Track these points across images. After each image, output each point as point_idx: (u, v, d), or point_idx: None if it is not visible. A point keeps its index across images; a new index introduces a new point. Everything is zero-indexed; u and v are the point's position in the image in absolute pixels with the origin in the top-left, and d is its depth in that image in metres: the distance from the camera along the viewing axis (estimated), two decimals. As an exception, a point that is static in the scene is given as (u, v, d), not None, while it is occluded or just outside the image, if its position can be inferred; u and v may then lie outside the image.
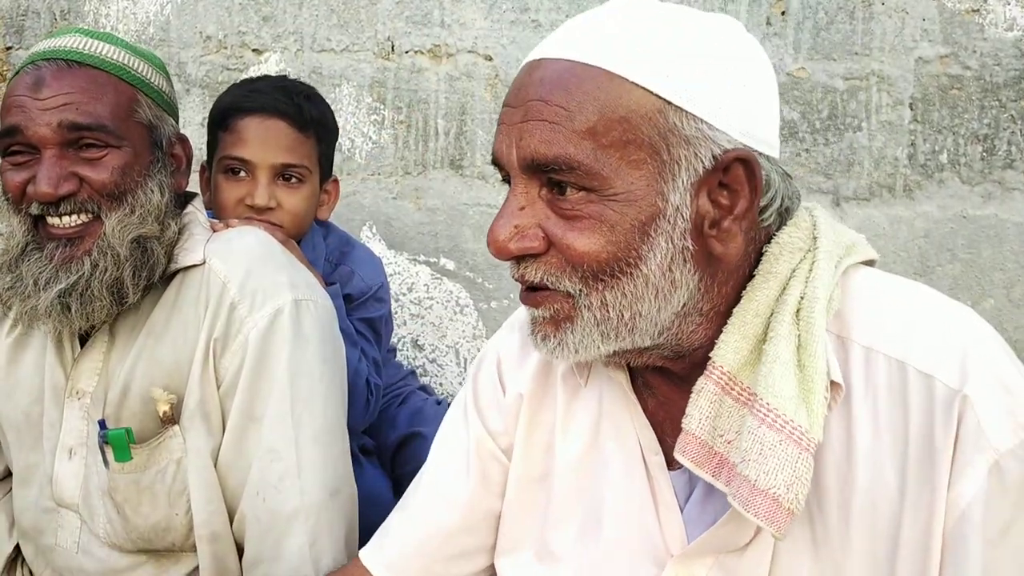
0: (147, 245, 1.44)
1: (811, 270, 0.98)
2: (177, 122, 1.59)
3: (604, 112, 0.92)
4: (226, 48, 2.63)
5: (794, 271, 0.98)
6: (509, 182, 1.00)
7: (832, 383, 0.94)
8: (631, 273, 0.94)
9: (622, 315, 0.96)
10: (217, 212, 1.89)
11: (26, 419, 1.56)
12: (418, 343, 2.57)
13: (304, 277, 1.56)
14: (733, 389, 0.96)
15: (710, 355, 0.98)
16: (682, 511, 1.05)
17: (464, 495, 1.21)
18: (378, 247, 2.54)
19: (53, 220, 1.41)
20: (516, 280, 1.00)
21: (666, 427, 1.06)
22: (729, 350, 0.97)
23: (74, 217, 1.41)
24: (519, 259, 0.98)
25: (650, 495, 1.07)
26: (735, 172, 0.96)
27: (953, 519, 0.91)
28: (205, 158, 2.01)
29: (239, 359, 1.44)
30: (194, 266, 1.50)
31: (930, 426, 0.92)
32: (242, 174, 1.87)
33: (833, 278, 0.98)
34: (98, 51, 1.46)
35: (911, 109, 2.33)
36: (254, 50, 2.61)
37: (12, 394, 1.57)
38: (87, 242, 1.41)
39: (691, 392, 0.99)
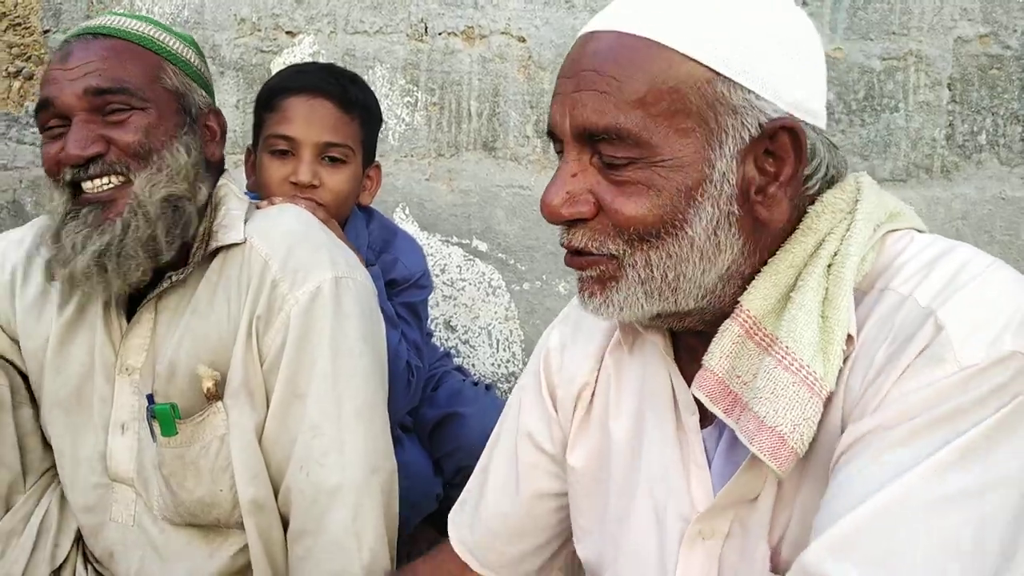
0: (178, 204, 1.47)
1: (848, 229, 1.00)
2: (211, 96, 1.61)
3: (654, 83, 0.95)
4: (260, 30, 2.64)
5: (832, 230, 1.01)
6: (562, 153, 1.04)
7: (848, 337, 0.96)
8: (676, 235, 0.97)
9: (666, 275, 0.99)
10: (262, 192, 1.91)
11: (77, 396, 1.59)
12: (450, 324, 2.59)
13: (344, 255, 1.58)
14: (756, 334, 0.99)
15: (739, 299, 1.01)
16: (710, 466, 1.09)
17: (512, 482, 1.28)
18: (411, 229, 2.55)
19: (86, 185, 1.45)
20: (563, 245, 1.03)
21: None
22: (758, 296, 1.00)
23: (105, 180, 1.44)
24: (569, 224, 1.02)
25: (679, 453, 1.10)
26: (781, 140, 0.98)
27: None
28: (251, 142, 2.03)
29: (282, 336, 1.46)
30: (235, 244, 1.53)
31: (898, 345, 0.92)
32: (286, 153, 1.89)
33: (869, 240, 1.00)
34: (125, 25, 1.51)
35: (949, 89, 2.30)
36: (288, 32, 2.62)
37: (62, 370, 1.59)
38: (119, 204, 1.44)
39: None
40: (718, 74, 0.95)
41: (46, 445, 1.65)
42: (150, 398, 1.51)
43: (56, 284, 1.54)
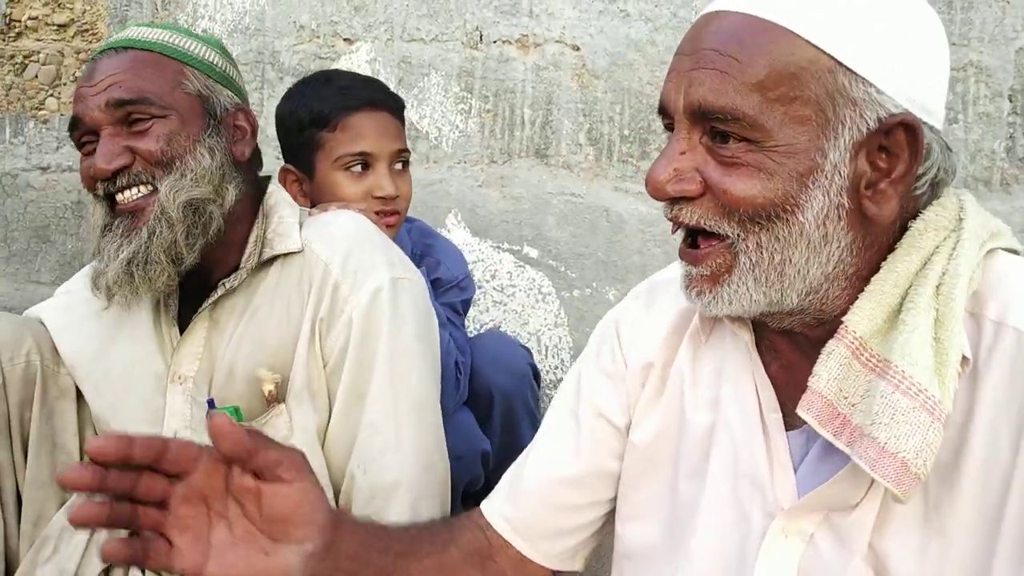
0: (201, 207, 1.49)
1: (955, 248, 0.99)
2: (240, 95, 1.63)
3: (775, 67, 0.95)
4: (319, 37, 2.69)
5: (937, 248, 0.99)
6: (671, 129, 1.03)
7: (962, 358, 0.95)
8: (787, 219, 0.97)
9: (773, 257, 0.98)
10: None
11: (115, 410, 1.61)
12: (500, 330, 2.60)
13: (399, 257, 1.61)
14: (863, 355, 0.98)
15: (843, 319, 0.99)
16: (795, 471, 1.07)
17: (572, 450, 1.25)
18: (462, 235, 2.57)
19: (119, 197, 1.49)
20: (670, 220, 1.03)
21: (787, 390, 1.07)
22: (863, 316, 0.98)
23: (134, 191, 1.48)
24: (674, 201, 1.01)
25: (764, 451, 1.09)
26: (896, 136, 0.97)
27: None
28: (291, 164, 2.03)
29: (344, 338, 1.49)
30: (293, 252, 1.56)
31: None
32: (361, 168, 1.95)
33: (976, 258, 0.99)
34: (145, 36, 1.54)
35: (1010, 101, 2.27)
36: (345, 39, 2.66)
37: (103, 388, 1.61)
38: (146, 212, 1.47)
39: (819, 355, 1.00)
40: (840, 64, 0.95)
41: None
42: (211, 403, 1.54)
43: (100, 309, 1.60)
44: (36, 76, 3.06)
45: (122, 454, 0.94)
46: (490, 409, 2.11)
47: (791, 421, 1.07)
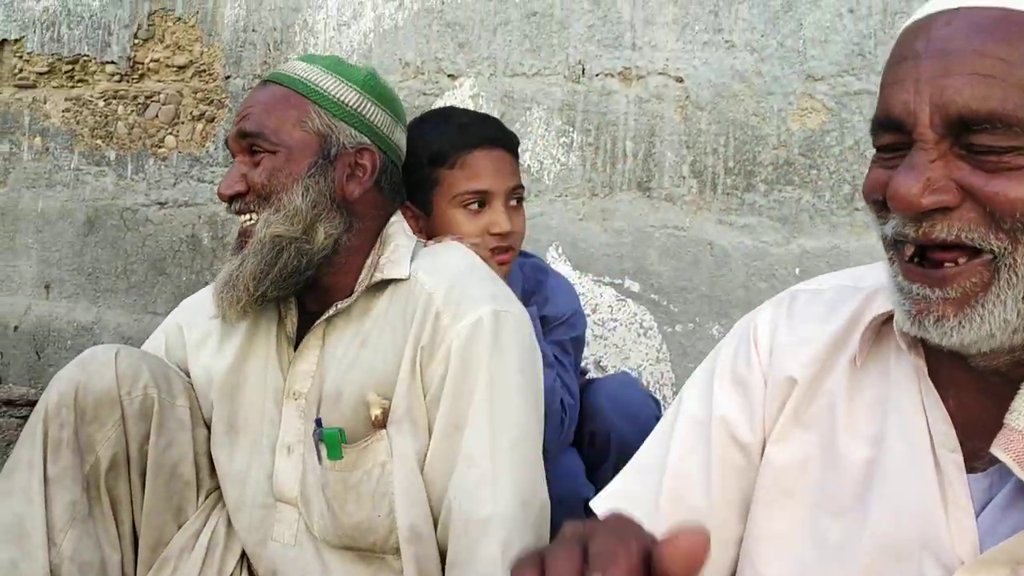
0: (282, 245, 1.54)
1: None
2: (372, 134, 1.64)
3: None
4: (423, 74, 2.73)
5: None
6: (891, 149, 0.94)
7: None
8: None
9: None
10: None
11: (247, 419, 1.68)
12: (600, 365, 2.57)
13: (504, 291, 1.61)
14: None
15: None
16: (976, 518, 0.97)
17: (702, 482, 1.15)
18: (564, 268, 2.56)
19: (240, 219, 1.59)
20: (915, 239, 0.92)
21: (967, 427, 0.98)
22: None
23: (247, 216, 1.58)
24: (923, 216, 0.91)
25: (939, 493, 0.99)
26: None
27: None
28: (408, 200, 2.06)
29: (443, 368, 1.50)
30: (403, 280, 1.59)
31: None
32: (478, 205, 1.97)
33: None
34: (290, 70, 1.63)
35: None
36: (449, 75, 2.70)
37: (235, 396, 1.69)
38: (248, 241, 1.56)
39: (1015, 392, 0.91)
40: None
41: (214, 465, 1.74)
42: (319, 422, 1.58)
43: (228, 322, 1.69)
44: (156, 115, 3.20)
45: None
46: (606, 452, 2.06)
47: (968, 463, 0.97)
